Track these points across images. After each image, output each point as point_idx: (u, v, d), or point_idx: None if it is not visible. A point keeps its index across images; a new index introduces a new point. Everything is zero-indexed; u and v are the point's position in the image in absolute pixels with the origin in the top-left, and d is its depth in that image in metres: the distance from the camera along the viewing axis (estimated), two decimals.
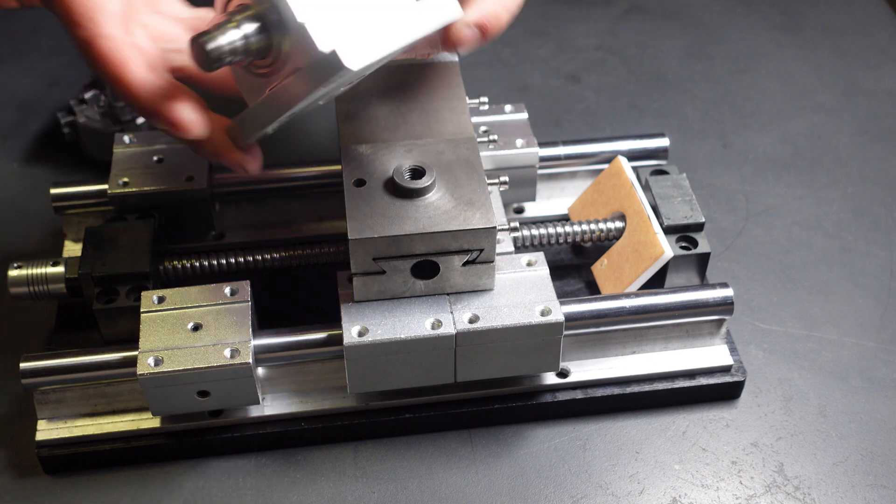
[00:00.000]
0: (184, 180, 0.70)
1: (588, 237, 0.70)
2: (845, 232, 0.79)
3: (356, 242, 0.58)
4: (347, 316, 0.60)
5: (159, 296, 0.61)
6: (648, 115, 0.91)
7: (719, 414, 0.66)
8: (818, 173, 0.84)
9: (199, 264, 0.67)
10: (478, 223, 0.58)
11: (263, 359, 0.60)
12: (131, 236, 0.66)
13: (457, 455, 0.63)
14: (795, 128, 0.89)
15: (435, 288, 0.60)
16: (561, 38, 1.00)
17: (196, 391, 0.59)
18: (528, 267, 0.63)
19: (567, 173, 0.77)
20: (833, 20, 1.02)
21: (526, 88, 0.93)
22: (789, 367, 0.69)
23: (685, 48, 0.99)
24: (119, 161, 0.71)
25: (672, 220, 0.68)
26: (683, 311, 0.64)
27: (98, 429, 0.62)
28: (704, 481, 0.62)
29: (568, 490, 0.61)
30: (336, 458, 0.63)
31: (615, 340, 0.65)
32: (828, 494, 0.61)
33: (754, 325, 0.71)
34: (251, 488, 0.61)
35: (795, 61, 0.97)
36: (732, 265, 0.76)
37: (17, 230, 0.78)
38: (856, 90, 0.93)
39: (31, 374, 0.60)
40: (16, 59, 0.95)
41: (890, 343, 0.70)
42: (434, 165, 0.61)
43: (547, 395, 0.65)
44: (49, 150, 0.85)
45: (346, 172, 0.62)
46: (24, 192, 0.81)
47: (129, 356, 0.60)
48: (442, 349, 0.59)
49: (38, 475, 0.62)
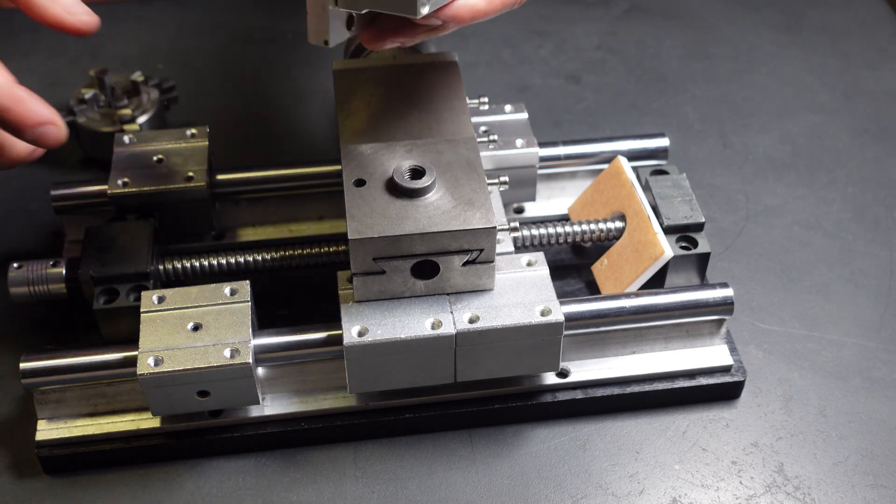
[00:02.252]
0: (184, 180, 0.70)
1: (588, 237, 0.70)
2: (845, 232, 0.79)
3: (356, 242, 0.58)
4: (347, 316, 0.60)
5: (159, 296, 0.61)
6: (648, 115, 0.90)
7: (719, 414, 0.66)
8: (818, 173, 0.84)
9: (199, 264, 0.67)
10: (478, 223, 0.58)
11: (263, 359, 0.60)
12: (131, 236, 0.66)
13: (457, 455, 0.63)
14: (795, 128, 0.89)
15: (435, 288, 0.60)
16: (561, 38, 1.00)
17: (196, 391, 0.59)
18: (528, 267, 0.63)
19: (567, 173, 0.77)
20: (833, 20, 1.02)
21: (526, 88, 0.93)
22: (789, 367, 0.69)
23: (685, 48, 0.99)
24: (119, 161, 0.71)
25: (672, 220, 0.68)
26: (683, 311, 0.64)
27: (98, 429, 0.62)
28: (704, 481, 0.62)
29: (568, 490, 0.61)
30: (336, 458, 0.63)
31: (615, 340, 0.65)
32: (828, 494, 0.61)
33: (754, 325, 0.71)
34: (251, 488, 0.62)
35: (795, 61, 0.97)
36: (732, 265, 0.76)
37: (17, 230, 0.78)
38: (856, 90, 0.93)
39: (31, 374, 0.60)
40: (16, 59, 0.95)
41: (890, 343, 0.70)
42: (434, 165, 0.61)
43: (547, 395, 0.65)
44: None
45: (346, 172, 0.62)
46: (24, 192, 0.81)
47: (129, 356, 0.60)
48: (442, 349, 0.59)
49: (38, 475, 0.62)
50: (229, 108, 0.90)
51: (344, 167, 0.62)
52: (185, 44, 0.96)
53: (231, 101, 0.91)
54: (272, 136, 0.88)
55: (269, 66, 0.95)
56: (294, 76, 0.94)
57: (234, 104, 0.91)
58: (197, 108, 0.90)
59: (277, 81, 0.94)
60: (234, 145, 0.85)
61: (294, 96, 0.92)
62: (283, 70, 0.95)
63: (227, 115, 0.89)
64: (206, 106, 0.90)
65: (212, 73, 0.95)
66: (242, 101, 0.91)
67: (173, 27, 1.00)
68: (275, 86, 0.93)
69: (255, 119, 0.89)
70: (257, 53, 0.97)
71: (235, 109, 0.91)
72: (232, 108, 0.91)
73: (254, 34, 0.98)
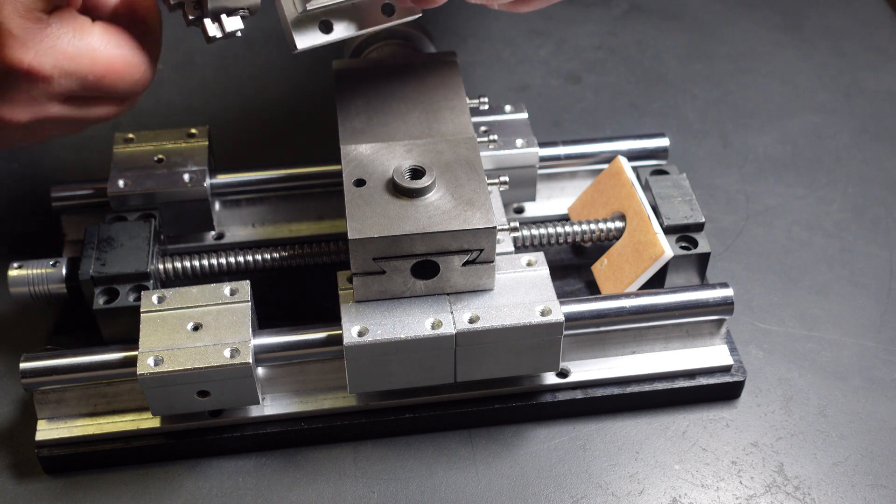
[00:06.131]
0: (184, 180, 0.70)
1: (588, 237, 0.70)
2: (845, 232, 0.79)
3: (356, 242, 0.58)
4: (347, 316, 0.60)
5: (159, 296, 0.61)
6: (648, 115, 0.90)
7: (719, 414, 0.66)
8: (818, 173, 0.84)
9: (199, 264, 0.67)
10: (478, 223, 0.58)
11: (263, 359, 0.60)
12: (131, 236, 0.66)
13: (457, 455, 0.63)
14: (795, 128, 0.89)
15: (435, 288, 0.60)
16: (561, 38, 1.00)
17: (196, 391, 0.59)
18: (528, 267, 0.63)
19: (567, 173, 0.77)
20: (833, 20, 1.02)
21: (526, 88, 0.93)
22: (789, 367, 0.69)
23: (685, 48, 0.99)
24: (119, 161, 0.71)
25: (672, 220, 0.68)
26: (683, 311, 0.64)
27: (98, 429, 0.62)
28: (704, 481, 0.62)
29: (568, 490, 0.61)
30: (336, 458, 0.63)
31: (615, 340, 0.65)
32: (828, 494, 0.61)
33: (754, 325, 0.71)
34: (251, 488, 0.62)
35: (795, 61, 0.97)
36: (732, 265, 0.76)
37: (17, 230, 0.78)
38: (856, 90, 0.93)
39: (31, 374, 0.60)
40: None
41: (890, 343, 0.70)
42: (434, 165, 0.61)
43: (547, 395, 0.65)
44: (49, 150, 0.85)
45: (346, 172, 0.62)
46: (24, 192, 0.81)
47: (129, 356, 0.60)
48: (442, 349, 0.59)
49: (38, 475, 0.62)
50: (229, 108, 0.91)
51: (344, 167, 0.62)
52: (185, 44, 0.96)
53: (231, 101, 0.92)
54: (272, 136, 0.88)
55: (269, 66, 0.95)
56: (294, 76, 0.94)
57: (234, 104, 0.91)
58: (197, 108, 0.90)
59: (277, 81, 0.94)
60: (234, 145, 0.85)
61: (294, 96, 0.92)
62: (283, 70, 0.95)
63: (227, 115, 0.89)
64: (206, 106, 0.90)
65: (212, 73, 0.95)
66: (242, 101, 0.91)
67: (174, 27, 1.00)
68: (275, 86, 0.93)
69: (255, 119, 0.89)
70: (257, 53, 0.97)
71: (235, 109, 0.91)
72: (232, 108, 0.91)
73: (254, 34, 0.98)
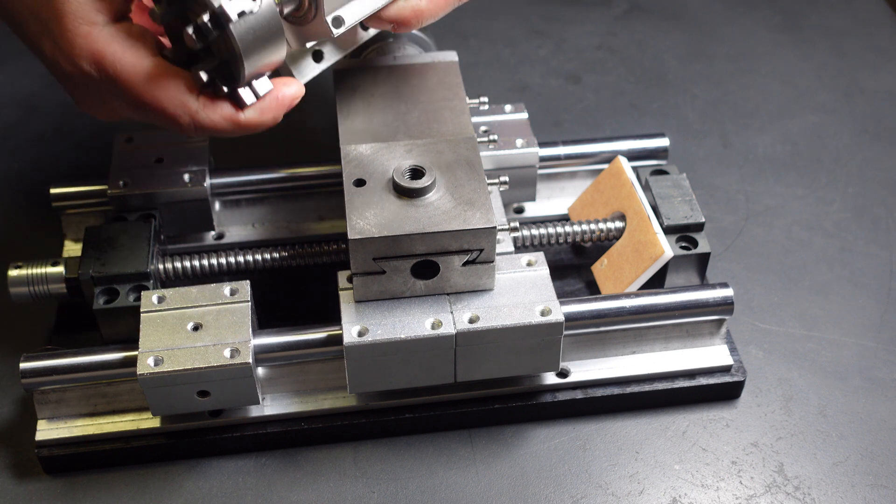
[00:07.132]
0: (184, 180, 0.70)
1: (588, 237, 0.70)
2: (845, 232, 0.79)
3: (356, 242, 0.58)
4: (347, 316, 0.60)
5: (159, 296, 0.61)
6: (648, 115, 0.91)
7: (719, 414, 0.66)
8: (818, 173, 0.84)
9: (199, 264, 0.67)
10: (478, 223, 0.58)
11: (263, 359, 0.60)
12: (131, 236, 0.66)
13: (457, 455, 0.63)
14: (795, 128, 0.89)
15: (435, 288, 0.60)
16: (561, 38, 1.00)
17: (196, 391, 0.59)
18: (528, 267, 0.63)
19: (567, 173, 0.77)
20: (833, 20, 1.02)
21: (526, 88, 0.93)
22: (789, 367, 0.69)
23: (685, 48, 0.99)
24: (119, 161, 0.71)
25: (672, 220, 0.68)
26: (683, 311, 0.64)
27: (98, 429, 0.62)
28: (704, 481, 0.62)
29: (568, 490, 0.61)
30: (336, 458, 0.63)
31: (615, 340, 0.65)
32: (828, 494, 0.61)
33: (754, 325, 0.71)
34: (251, 488, 0.62)
35: (795, 61, 0.97)
36: (732, 265, 0.76)
37: (17, 230, 0.78)
38: (856, 90, 0.93)
39: (31, 374, 0.60)
40: (16, 59, 0.95)
41: (890, 343, 0.70)
42: (434, 165, 0.61)
43: (547, 395, 0.65)
44: (49, 150, 0.85)
45: (346, 172, 0.62)
46: (24, 192, 0.81)
47: (129, 356, 0.60)
48: (442, 349, 0.59)
49: (38, 475, 0.62)
50: None
51: (344, 167, 0.62)
52: None
53: None
54: (272, 136, 0.88)
55: None
56: None
57: None
58: None
59: None
60: (234, 145, 0.85)
61: None
62: None
63: None
64: None
65: None
66: None
67: None
68: None
69: None
70: None
71: None
72: None
73: None
